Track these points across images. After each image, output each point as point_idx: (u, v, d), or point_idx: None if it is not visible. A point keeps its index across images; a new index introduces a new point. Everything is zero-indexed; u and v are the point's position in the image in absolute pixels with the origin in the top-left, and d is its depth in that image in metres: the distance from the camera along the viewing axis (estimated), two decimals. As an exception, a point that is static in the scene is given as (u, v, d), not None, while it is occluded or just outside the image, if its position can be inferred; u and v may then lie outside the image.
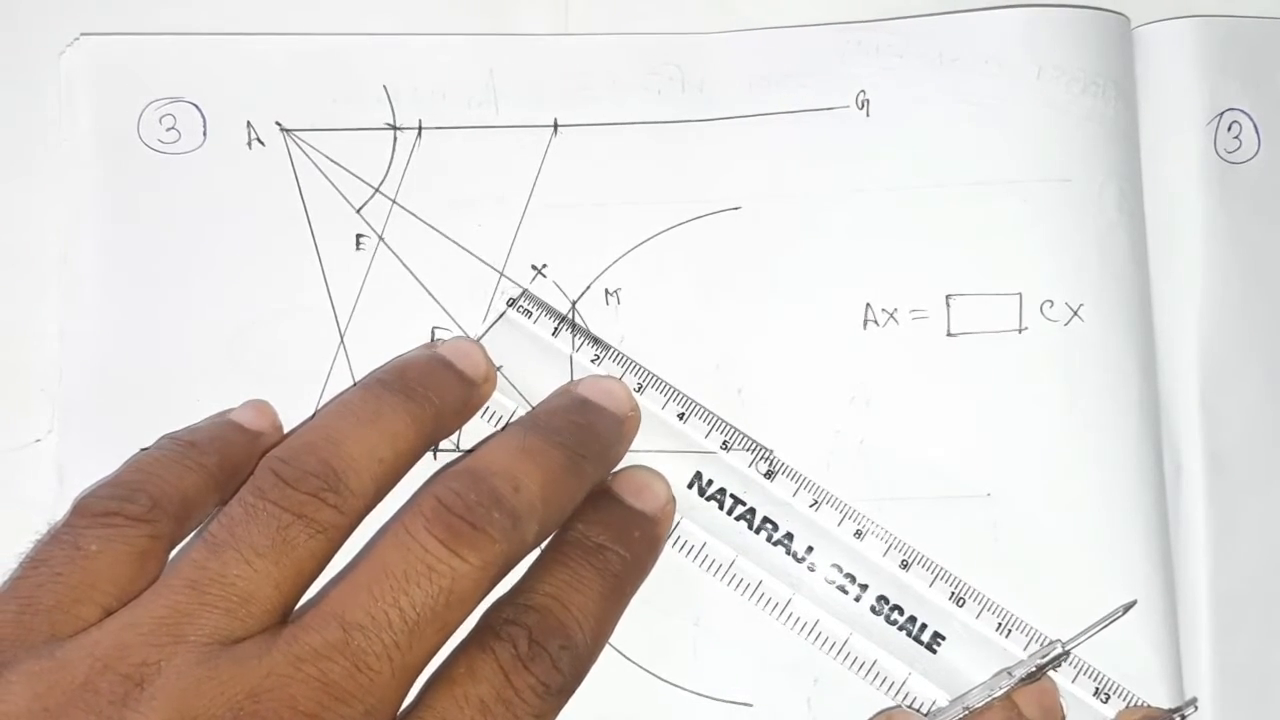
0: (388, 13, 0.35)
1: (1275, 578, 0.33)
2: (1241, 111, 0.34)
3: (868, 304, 0.33)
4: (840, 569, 0.32)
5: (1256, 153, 0.34)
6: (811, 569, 0.32)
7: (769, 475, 0.32)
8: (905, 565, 0.32)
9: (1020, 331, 0.33)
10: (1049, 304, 0.33)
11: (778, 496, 0.32)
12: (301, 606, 0.27)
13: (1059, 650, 0.30)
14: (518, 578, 0.29)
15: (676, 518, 0.32)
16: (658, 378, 0.33)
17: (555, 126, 0.34)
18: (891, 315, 0.33)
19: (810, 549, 0.32)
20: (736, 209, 0.33)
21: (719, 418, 0.32)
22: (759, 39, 0.34)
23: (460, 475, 0.28)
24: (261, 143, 0.34)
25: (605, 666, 0.32)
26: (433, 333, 0.33)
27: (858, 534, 0.32)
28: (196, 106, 0.34)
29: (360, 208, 0.33)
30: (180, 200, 0.33)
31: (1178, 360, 0.33)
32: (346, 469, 0.27)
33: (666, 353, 0.33)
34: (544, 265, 0.33)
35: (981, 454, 0.33)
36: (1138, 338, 0.33)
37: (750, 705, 0.32)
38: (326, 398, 0.33)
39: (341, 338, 0.33)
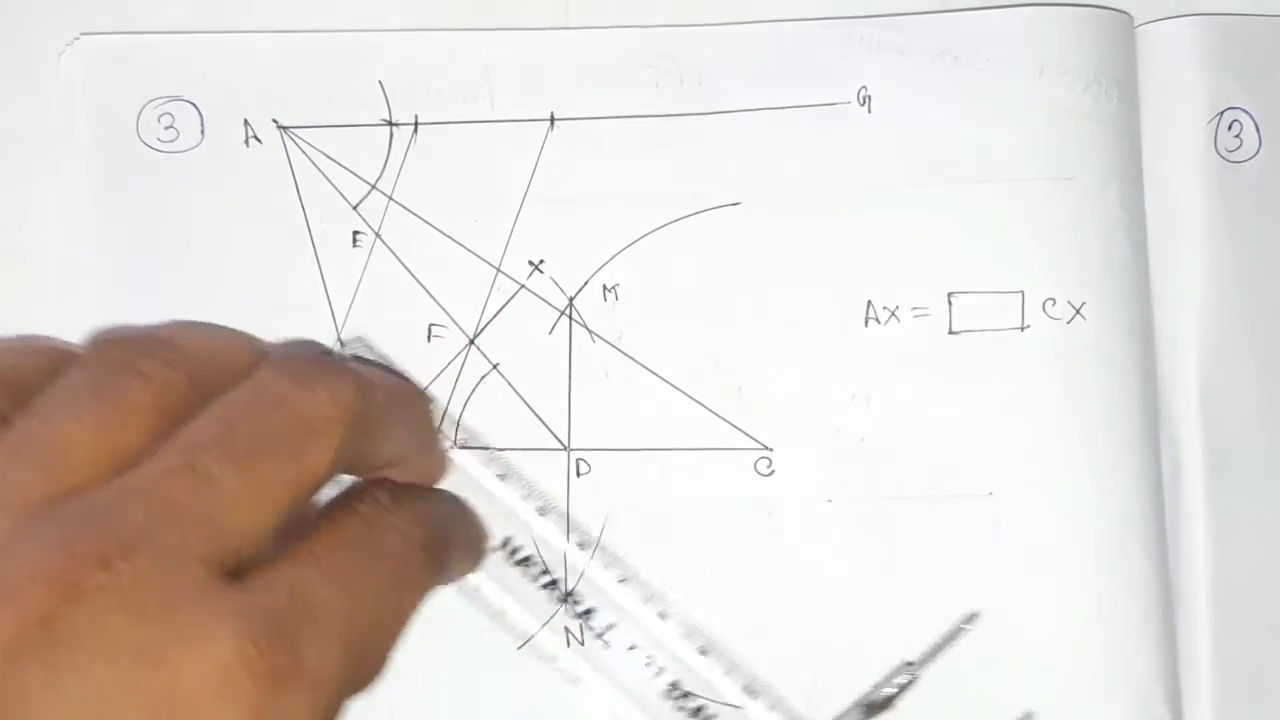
0: (385, 10, 0.34)
1: (1275, 576, 0.33)
2: (1242, 110, 0.34)
3: (869, 301, 0.33)
4: (638, 650, 0.31)
5: (1257, 152, 0.34)
6: (608, 646, 0.31)
7: (581, 546, 0.31)
8: (704, 652, 0.31)
9: (1022, 330, 0.33)
10: (1051, 302, 0.33)
11: (586, 570, 0.31)
12: None
13: (908, 676, 0.30)
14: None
15: (481, 576, 0.31)
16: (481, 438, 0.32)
17: (552, 120, 0.33)
18: (893, 313, 0.33)
19: (610, 626, 0.31)
20: (736, 204, 0.33)
21: (534, 486, 0.32)
22: (759, 32, 0.34)
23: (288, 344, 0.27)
24: (259, 140, 0.34)
25: (604, 667, 0.31)
26: (429, 330, 0.33)
27: (661, 615, 0.31)
28: (194, 105, 0.34)
29: (357, 204, 0.33)
30: (178, 198, 0.33)
31: (1178, 359, 0.33)
32: (174, 336, 0.26)
33: (665, 350, 0.33)
34: (541, 261, 0.33)
35: (983, 452, 0.32)
36: (1139, 336, 0.33)
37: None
38: (323, 395, 0.33)
39: (338, 334, 0.33)
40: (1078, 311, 0.33)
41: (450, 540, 0.28)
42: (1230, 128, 0.34)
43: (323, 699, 0.23)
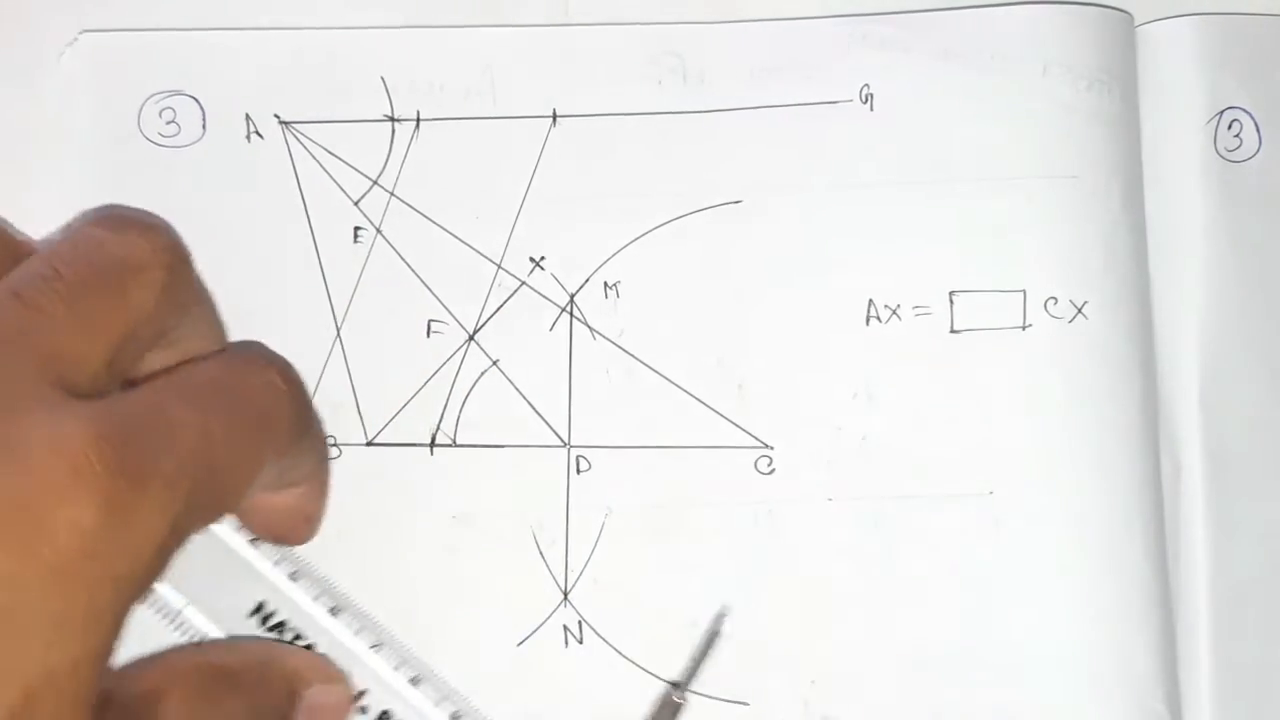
0: (386, 6, 0.34)
1: (1275, 577, 0.32)
2: (1242, 110, 0.34)
3: (870, 300, 0.33)
4: (390, 715, 0.30)
5: (1257, 151, 0.34)
6: (363, 711, 0.30)
7: (334, 612, 0.30)
8: (416, 681, 0.30)
9: (1024, 329, 0.33)
10: (1053, 301, 0.33)
11: (338, 636, 0.30)
12: None
13: (679, 700, 0.30)
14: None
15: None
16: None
17: (554, 117, 0.33)
18: (894, 311, 0.33)
19: (363, 692, 0.30)
20: (738, 202, 0.33)
21: (291, 551, 0.30)
22: (761, 30, 0.34)
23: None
24: (260, 135, 0.33)
25: (603, 665, 0.31)
26: (429, 326, 0.33)
27: (414, 681, 0.30)
28: (196, 100, 0.34)
29: (358, 200, 0.33)
30: (180, 194, 0.33)
31: (1178, 359, 0.33)
32: None
33: (666, 347, 0.33)
34: (542, 258, 0.33)
35: (984, 452, 0.32)
36: (1140, 336, 0.33)
37: (746, 704, 0.32)
38: (322, 391, 0.33)
39: (338, 330, 0.33)
40: (1079, 311, 0.33)
41: (311, 424, 0.28)
42: (1230, 127, 0.34)
43: (170, 512, 0.23)
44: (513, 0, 0.34)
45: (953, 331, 0.33)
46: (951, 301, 0.33)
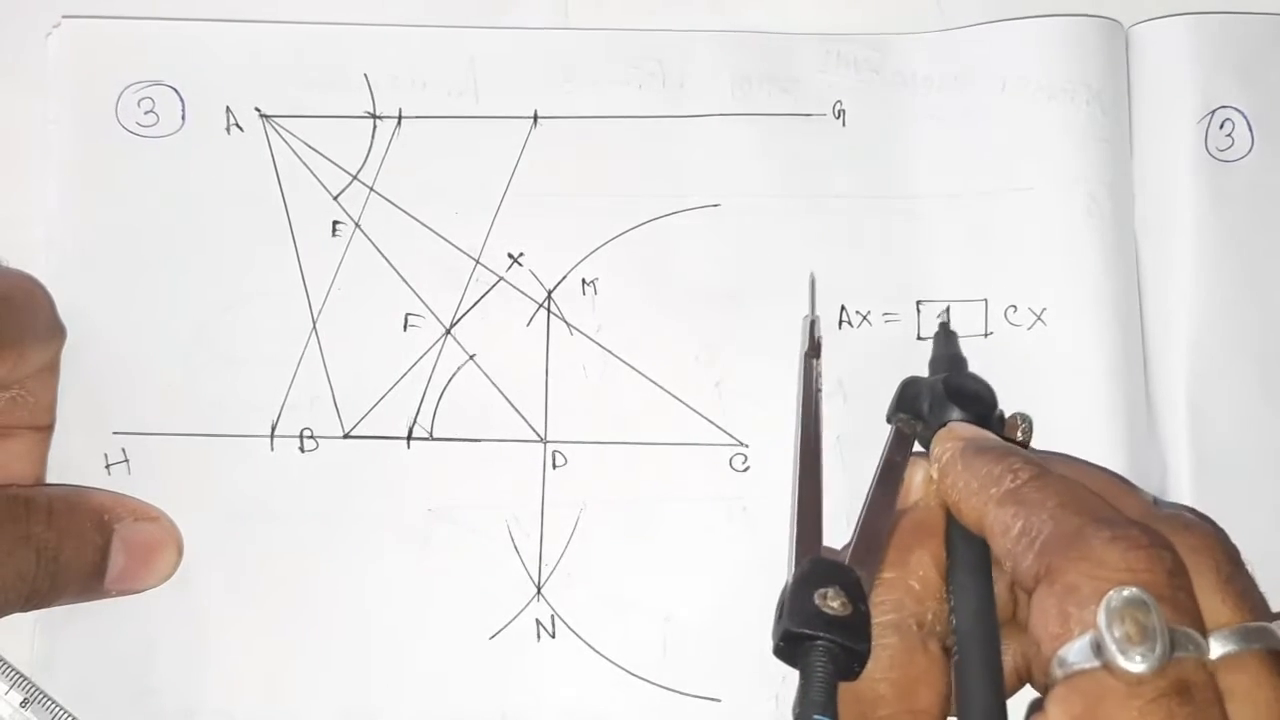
0: (384, 7, 0.34)
1: (1262, 579, 0.32)
2: (1234, 109, 0.34)
3: (842, 305, 0.34)
4: None
5: (1249, 151, 0.34)
6: None
7: None
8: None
9: (986, 336, 0.33)
10: (1013, 309, 0.33)
11: None
12: None
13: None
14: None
15: None
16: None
17: (535, 118, 0.34)
18: (865, 317, 0.34)
19: None
20: (716, 206, 0.34)
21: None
22: (741, 41, 0.34)
23: None
24: (240, 128, 0.33)
25: (575, 660, 0.31)
26: (405, 319, 0.33)
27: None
28: (175, 90, 0.34)
29: (338, 195, 0.33)
30: (157, 184, 0.33)
31: (1166, 360, 0.33)
32: None
33: (643, 344, 0.33)
34: (520, 254, 0.33)
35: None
36: (1109, 341, 0.33)
37: (718, 700, 0.32)
38: (298, 383, 0.32)
39: (314, 323, 0.33)
40: (1039, 318, 0.33)
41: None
42: (1222, 126, 0.34)
43: None
44: (514, 6, 0.35)
45: (920, 338, 0.34)
46: (918, 310, 0.34)
